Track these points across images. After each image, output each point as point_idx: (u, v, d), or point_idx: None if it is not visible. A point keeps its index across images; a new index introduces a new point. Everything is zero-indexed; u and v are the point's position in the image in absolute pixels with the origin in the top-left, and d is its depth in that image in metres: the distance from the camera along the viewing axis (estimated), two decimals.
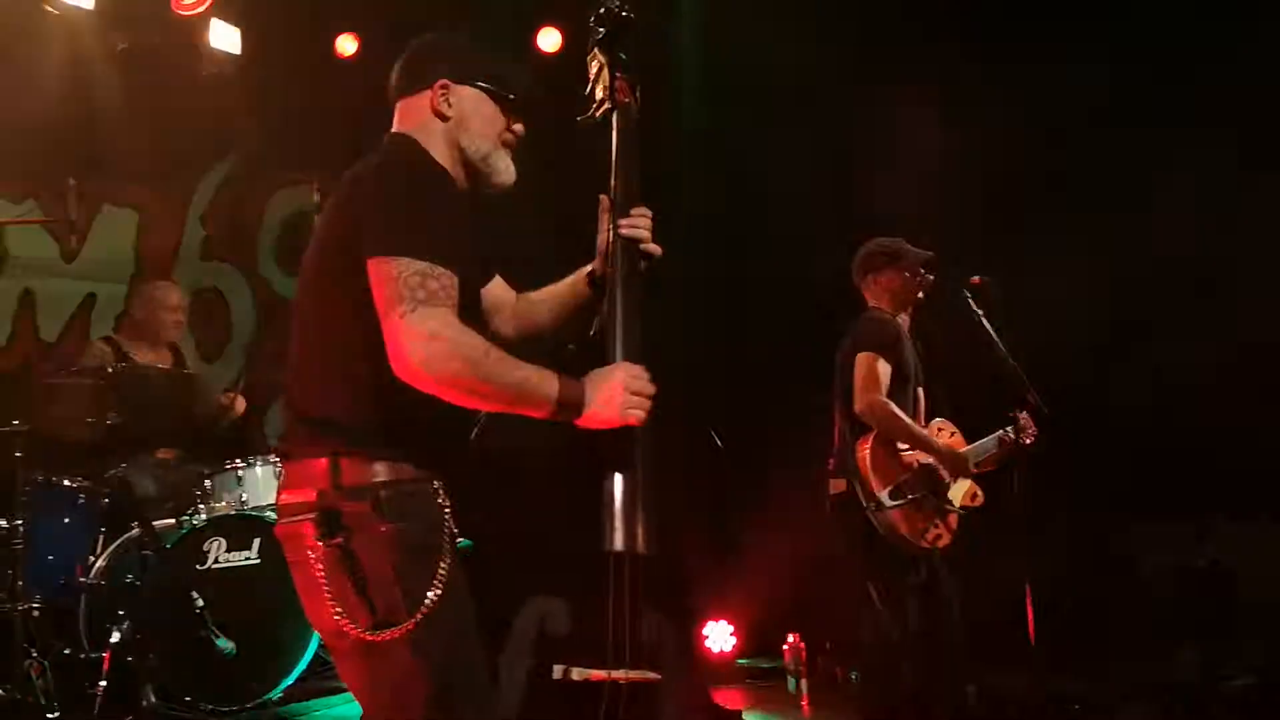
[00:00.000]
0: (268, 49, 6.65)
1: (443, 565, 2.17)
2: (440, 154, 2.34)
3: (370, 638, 2.11)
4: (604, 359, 2.40)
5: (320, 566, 2.14)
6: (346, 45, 6.89)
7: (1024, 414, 4.34)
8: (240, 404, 5.36)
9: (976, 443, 4.41)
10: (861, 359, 4.22)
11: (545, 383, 2.14)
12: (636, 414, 2.24)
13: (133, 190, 6.56)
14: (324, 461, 2.16)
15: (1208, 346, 5.03)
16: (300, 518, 2.19)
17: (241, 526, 4.51)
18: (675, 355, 2.53)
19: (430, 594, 2.13)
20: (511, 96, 2.41)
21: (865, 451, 4.15)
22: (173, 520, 4.58)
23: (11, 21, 5.67)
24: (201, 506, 4.63)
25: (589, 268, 2.64)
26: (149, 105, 6.13)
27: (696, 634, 2.70)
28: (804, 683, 5.59)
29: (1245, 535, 5.46)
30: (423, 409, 2.13)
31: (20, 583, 4.15)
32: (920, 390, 4.43)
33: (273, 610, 4.41)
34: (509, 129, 2.42)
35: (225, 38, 6.39)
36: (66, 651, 4.37)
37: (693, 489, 2.66)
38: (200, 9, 6.14)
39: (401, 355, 2.04)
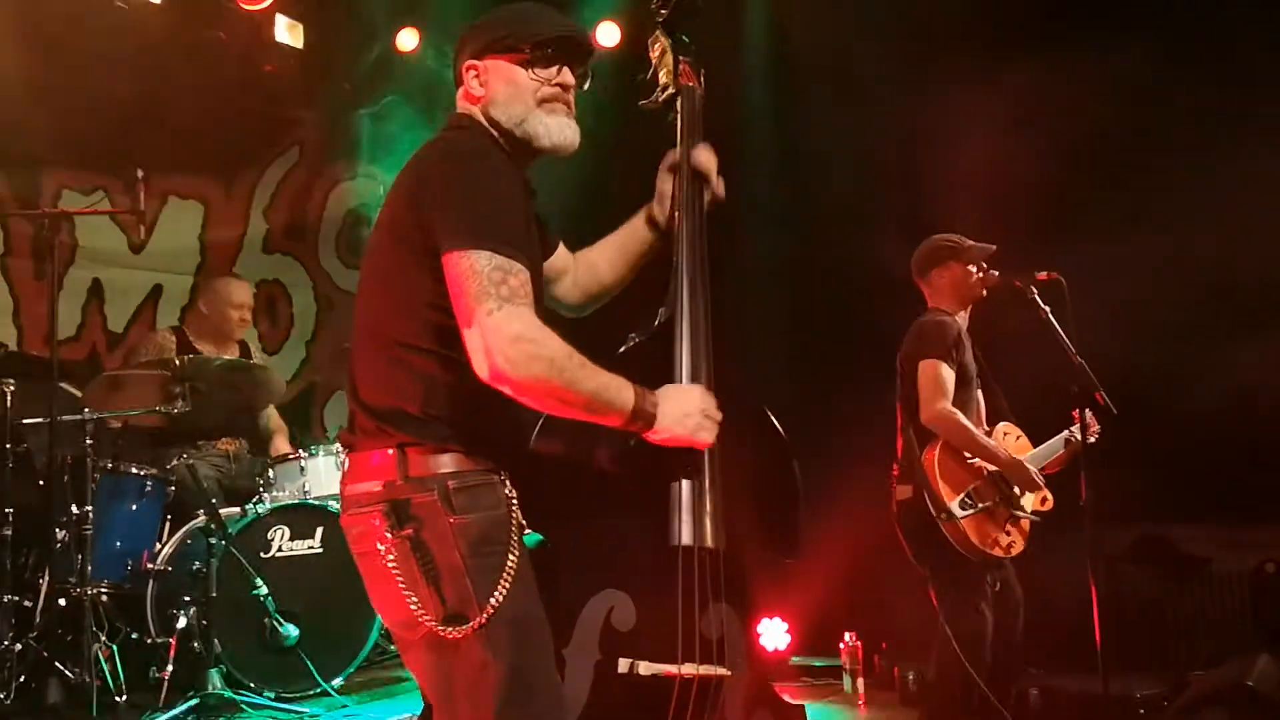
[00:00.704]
0: (329, 43, 6.71)
1: (511, 558, 2.15)
2: (490, 133, 2.31)
3: (442, 633, 2.10)
4: (669, 343, 2.39)
5: (390, 557, 2.13)
6: (407, 40, 6.92)
7: (1086, 412, 4.26)
8: (281, 436, 5.44)
9: (1042, 445, 4.34)
10: (925, 366, 4.13)
11: (622, 392, 2.12)
12: (706, 436, 2.23)
13: (198, 183, 6.64)
14: (390, 453, 2.15)
15: None
16: (368, 508, 2.17)
17: (304, 516, 4.55)
18: (736, 341, 2.49)
19: (500, 587, 2.11)
20: (527, 49, 2.29)
21: (933, 460, 4.07)
22: (238, 509, 4.64)
23: (81, 15, 5.76)
24: (265, 495, 4.67)
25: (647, 210, 2.61)
26: (214, 99, 6.21)
27: (754, 627, 2.66)
28: (860, 682, 5.54)
29: None
30: (487, 401, 2.11)
31: (89, 568, 4.21)
32: (980, 392, 4.36)
33: (334, 599, 4.46)
34: (548, 84, 2.30)
35: (289, 32, 6.46)
36: (134, 636, 4.43)
37: (754, 479, 2.62)
38: (265, 4, 6.19)
39: (485, 356, 2.01)
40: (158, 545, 4.67)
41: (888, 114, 5.53)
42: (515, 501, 2.23)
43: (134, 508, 4.63)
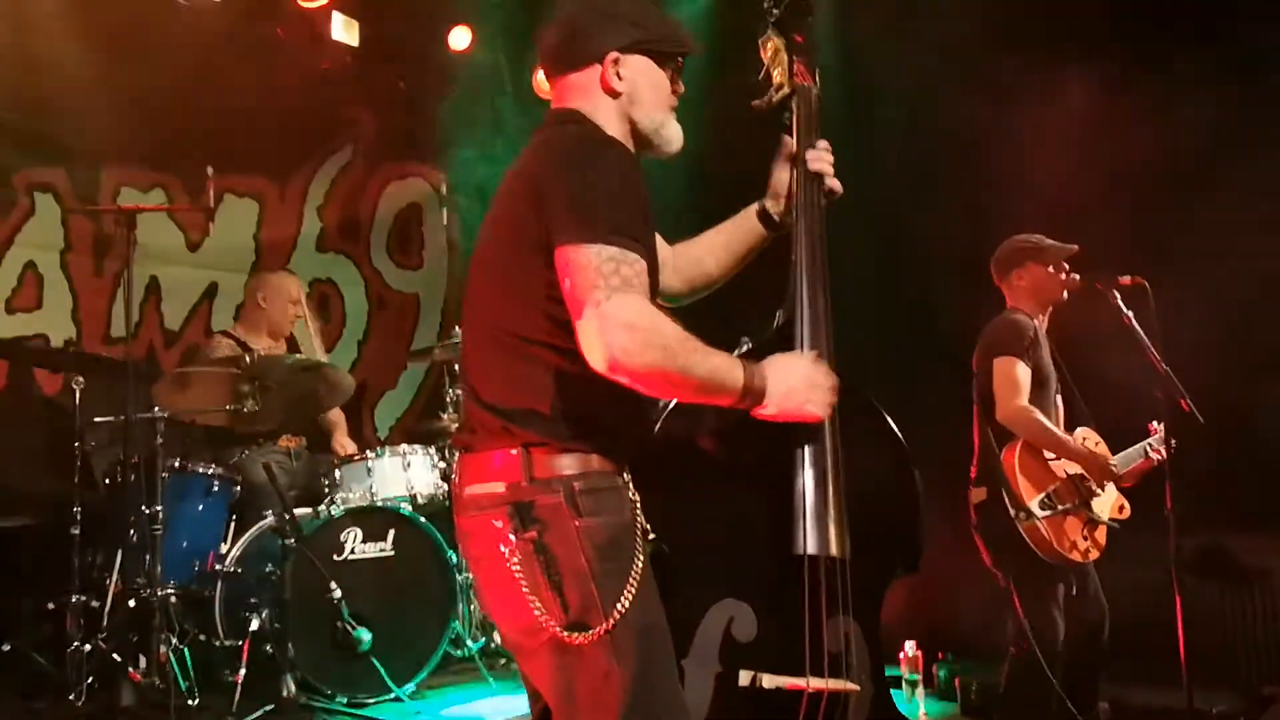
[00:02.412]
0: (385, 41, 6.67)
1: (637, 563, 2.11)
2: (612, 129, 2.25)
3: (568, 639, 2.04)
4: (788, 347, 2.31)
5: (514, 560, 2.07)
6: (460, 39, 6.88)
7: (1159, 425, 4.21)
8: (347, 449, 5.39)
9: (1123, 452, 4.27)
10: (1000, 364, 4.10)
11: (733, 371, 2.08)
12: (816, 409, 2.16)
13: (254, 180, 6.61)
14: (514, 453, 2.10)
15: None
16: (490, 510, 2.12)
17: (377, 518, 4.49)
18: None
19: (626, 593, 2.06)
20: (680, 58, 2.33)
21: (1014, 459, 4.03)
22: (309, 510, 4.58)
23: (141, 13, 5.74)
24: (337, 496, 4.61)
25: (759, 205, 2.57)
26: (270, 96, 6.17)
27: (878, 641, 2.58)
28: (921, 692, 5.45)
29: None
30: (608, 400, 2.06)
31: (159, 568, 4.17)
32: (1059, 396, 4.29)
33: (406, 603, 4.41)
34: (674, 95, 2.33)
35: (345, 30, 6.43)
36: (201, 638, 4.38)
37: (874, 487, 2.56)
38: (322, 1, 6.16)
39: (598, 345, 1.96)
40: (223, 546, 4.62)
41: (970, 113, 5.44)
42: (639, 506, 2.18)
43: (200, 508, 4.58)
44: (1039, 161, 5.13)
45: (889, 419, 2.62)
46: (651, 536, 2.19)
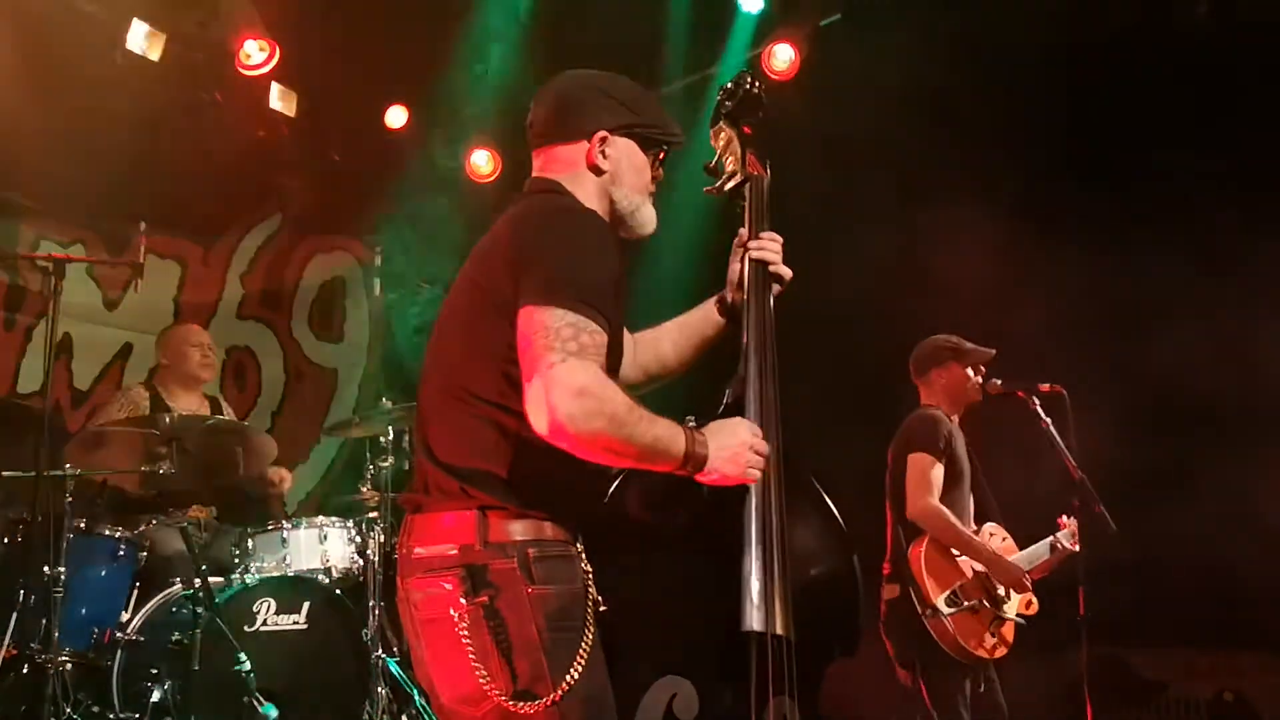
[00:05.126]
0: (321, 115, 6.68)
1: (587, 634, 2.11)
2: (591, 203, 2.31)
3: (513, 708, 2.01)
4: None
5: (463, 625, 2.05)
6: (396, 117, 6.92)
7: (1069, 519, 4.34)
8: (288, 482, 5.23)
9: (1028, 549, 4.38)
10: (913, 460, 4.20)
11: (676, 439, 2.10)
12: (755, 474, 2.19)
13: (178, 243, 6.49)
14: (470, 515, 2.10)
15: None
16: (441, 572, 2.10)
17: (292, 589, 4.35)
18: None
19: (576, 665, 2.06)
20: (666, 147, 2.40)
21: (920, 555, 4.10)
22: (220, 579, 4.42)
23: (79, 66, 5.66)
24: (252, 565, 4.46)
25: (718, 296, 2.62)
26: (203, 160, 6.11)
27: None
28: None
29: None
30: (564, 468, 2.07)
31: (56, 634, 3.97)
32: (970, 493, 4.40)
33: (316, 679, 4.25)
34: (654, 180, 2.40)
35: (281, 100, 6.42)
36: (95, 709, 4.16)
37: (813, 571, 2.59)
38: (264, 70, 6.15)
39: (543, 407, 1.97)
40: (124, 614, 4.41)
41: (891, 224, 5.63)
42: (590, 576, 2.18)
43: (103, 573, 4.37)
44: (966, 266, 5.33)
45: (831, 504, 2.66)
46: (603, 608, 2.19)
